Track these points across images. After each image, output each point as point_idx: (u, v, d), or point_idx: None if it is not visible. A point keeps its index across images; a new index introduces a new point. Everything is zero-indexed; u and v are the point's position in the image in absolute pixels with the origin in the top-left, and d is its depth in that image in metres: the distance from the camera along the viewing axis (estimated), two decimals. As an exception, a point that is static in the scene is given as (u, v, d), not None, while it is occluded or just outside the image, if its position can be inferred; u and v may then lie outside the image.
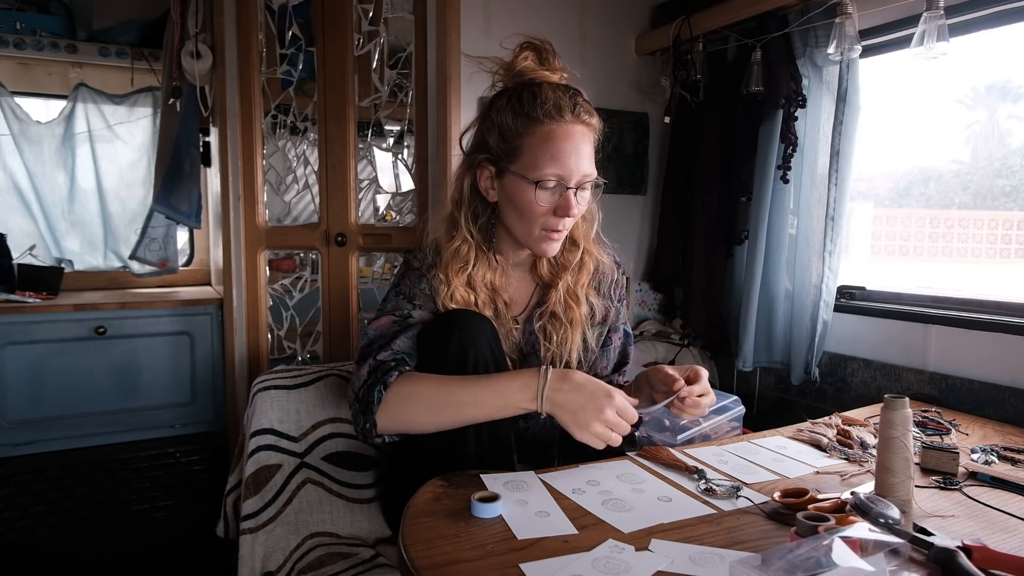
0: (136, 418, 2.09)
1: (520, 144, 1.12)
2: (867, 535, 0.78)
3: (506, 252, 1.22)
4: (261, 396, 1.32)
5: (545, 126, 1.10)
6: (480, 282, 1.18)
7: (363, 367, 1.09)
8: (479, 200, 1.19)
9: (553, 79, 1.15)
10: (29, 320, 1.95)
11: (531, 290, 1.27)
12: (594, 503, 0.95)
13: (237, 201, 1.99)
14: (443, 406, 1.04)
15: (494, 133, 1.15)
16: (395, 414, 1.06)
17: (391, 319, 1.14)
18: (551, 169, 1.09)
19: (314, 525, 1.28)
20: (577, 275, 1.24)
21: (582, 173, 1.11)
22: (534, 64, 1.16)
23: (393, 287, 1.21)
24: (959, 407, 1.58)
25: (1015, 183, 2.45)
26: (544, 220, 1.12)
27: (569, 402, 1.00)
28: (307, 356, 2.12)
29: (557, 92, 1.12)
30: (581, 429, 0.99)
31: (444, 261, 1.16)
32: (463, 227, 1.17)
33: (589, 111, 1.14)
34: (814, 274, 1.89)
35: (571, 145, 1.10)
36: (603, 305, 1.29)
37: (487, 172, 1.16)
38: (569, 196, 1.11)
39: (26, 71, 2.31)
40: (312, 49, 2.02)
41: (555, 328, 1.22)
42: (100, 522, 2.02)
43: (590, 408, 0.99)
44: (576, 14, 2.28)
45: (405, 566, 0.79)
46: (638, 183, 2.42)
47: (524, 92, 1.13)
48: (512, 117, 1.13)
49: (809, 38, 1.84)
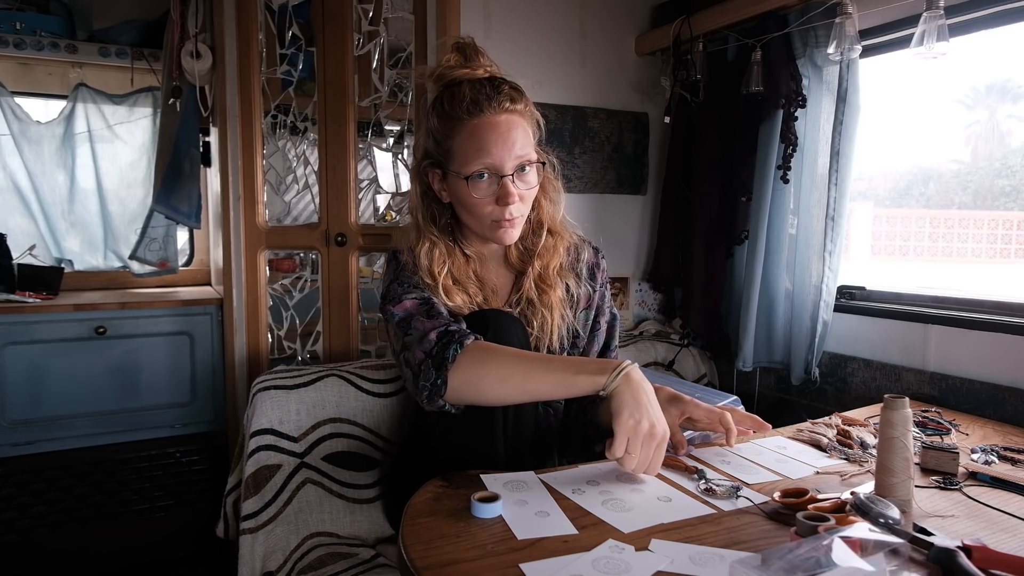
0: (136, 418, 2.09)
1: (450, 145, 1.15)
2: (867, 535, 0.78)
3: (476, 246, 1.24)
4: (261, 396, 1.32)
5: (467, 123, 1.13)
6: (465, 277, 1.20)
7: (430, 332, 1.07)
8: (435, 202, 1.23)
9: (476, 75, 1.17)
10: (29, 320, 1.95)
11: (510, 279, 1.28)
12: (594, 503, 0.95)
13: (237, 201, 1.99)
14: (514, 374, 1.02)
15: (430, 139, 1.19)
16: (467, 376, 1.03)
17: (414, 301, 1.13)
18: (479, 161, 1.12)
19: (314, 525, 1.28)
20: (547, 259, 1.25)
21: (515, 158, 1.13)
22: (456, 64, 1.19)
23: (392, 280, 1.20)
24: (959, 407, 1.58)
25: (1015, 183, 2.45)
26: (490, 211, 1.15)
27: (645, 390, 0.99)
28: (307, 356, 2.12)
29: (475, 87, 1.14)
30: (630, 416, 0.96)
31: (422, 267, 1.18)
32: (424, 231, 1.21)
33: (513, 97, 1.15)
34: (814, 274, 1.89)
35: (495, 135, 1.12)
36: (586, 289, 1.30)
37: (436, 175, 1.20)
38: (506, 184, 1.12)
39: (26, 71, 2.31)
40: (312, 49, 2.02)
41: (533, 314, 1.23)
42: (100, 522, 2.01)
43: (654, 412, 0.98)
44: (576, 14, 2.28)
45: (405, 566, 0.79)
46: (638, 183, 2.42)
47: (445, 94, 1.16)
48: (439, 120, 1.16)
49: (809, 38, 1.84)
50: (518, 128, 1.14)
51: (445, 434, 1.11)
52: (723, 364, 2.27)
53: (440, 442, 1.12)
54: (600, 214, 2.34)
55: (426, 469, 1.07)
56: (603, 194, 2.34)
